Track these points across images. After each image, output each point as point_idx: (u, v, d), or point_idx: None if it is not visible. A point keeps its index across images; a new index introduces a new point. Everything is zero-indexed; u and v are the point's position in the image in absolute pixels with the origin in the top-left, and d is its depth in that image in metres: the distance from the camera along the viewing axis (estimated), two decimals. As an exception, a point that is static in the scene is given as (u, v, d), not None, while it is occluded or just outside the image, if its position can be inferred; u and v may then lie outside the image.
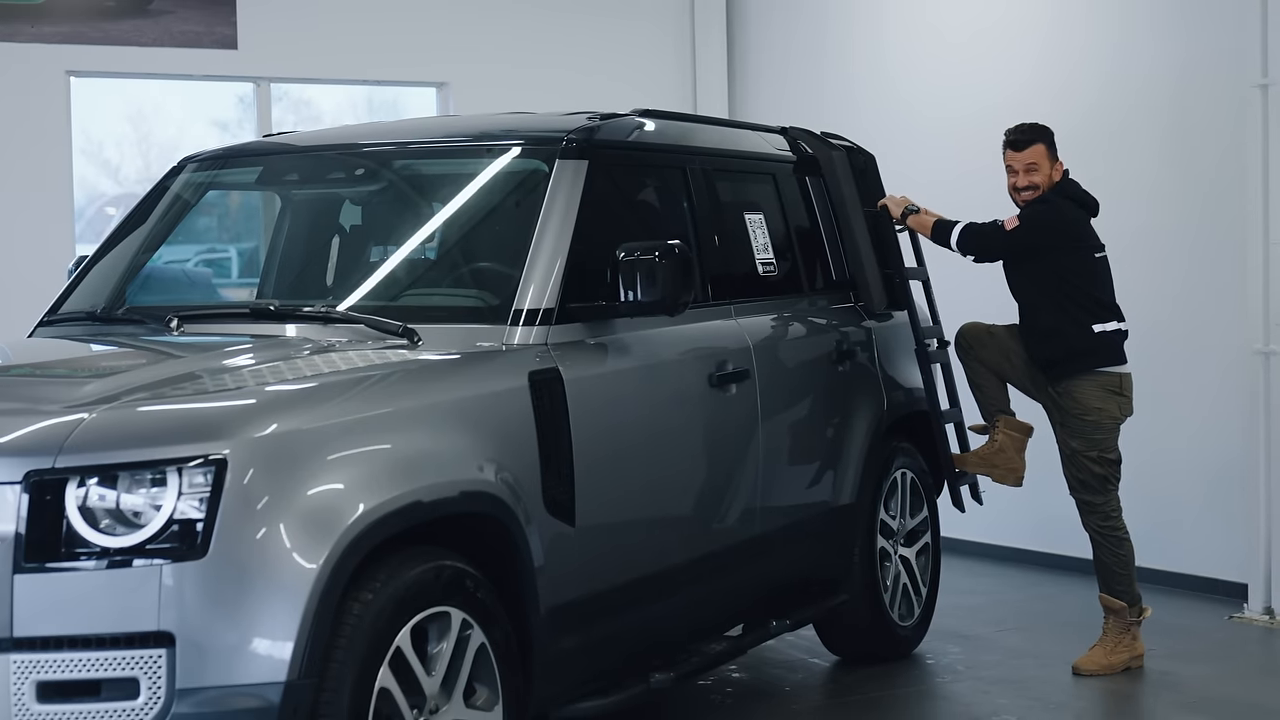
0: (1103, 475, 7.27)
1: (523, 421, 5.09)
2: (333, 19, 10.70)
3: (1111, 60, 9.12)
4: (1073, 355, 7.21)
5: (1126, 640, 7.31)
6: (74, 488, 4.16)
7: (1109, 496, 7.30)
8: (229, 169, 6.65)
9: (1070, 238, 7.22)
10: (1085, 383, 7.21)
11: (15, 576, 4.13)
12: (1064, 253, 7.19)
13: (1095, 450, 7.23)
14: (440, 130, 6.64)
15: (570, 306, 5.41)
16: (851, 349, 7.13)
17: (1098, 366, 7.21)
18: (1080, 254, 7.23)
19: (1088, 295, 7.20)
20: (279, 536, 4.23)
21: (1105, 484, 7.29)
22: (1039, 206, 7.25)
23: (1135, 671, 7.26)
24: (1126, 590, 7.32)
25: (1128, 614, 7.31)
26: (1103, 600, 7.37)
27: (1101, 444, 7.25)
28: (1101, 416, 7.22)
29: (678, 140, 6.47)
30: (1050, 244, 7.18)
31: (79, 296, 6.15)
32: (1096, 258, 7.28)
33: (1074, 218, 7.27)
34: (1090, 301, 7.20)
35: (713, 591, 6.16)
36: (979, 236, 7.24)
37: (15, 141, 9.84)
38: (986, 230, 7.25)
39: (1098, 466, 7.24)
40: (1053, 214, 7.23)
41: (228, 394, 4.57)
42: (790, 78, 11.46)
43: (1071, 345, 7.20)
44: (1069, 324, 7.18)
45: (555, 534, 5.14)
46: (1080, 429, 7.23)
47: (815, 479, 6.86)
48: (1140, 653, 7.34)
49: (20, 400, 4.71)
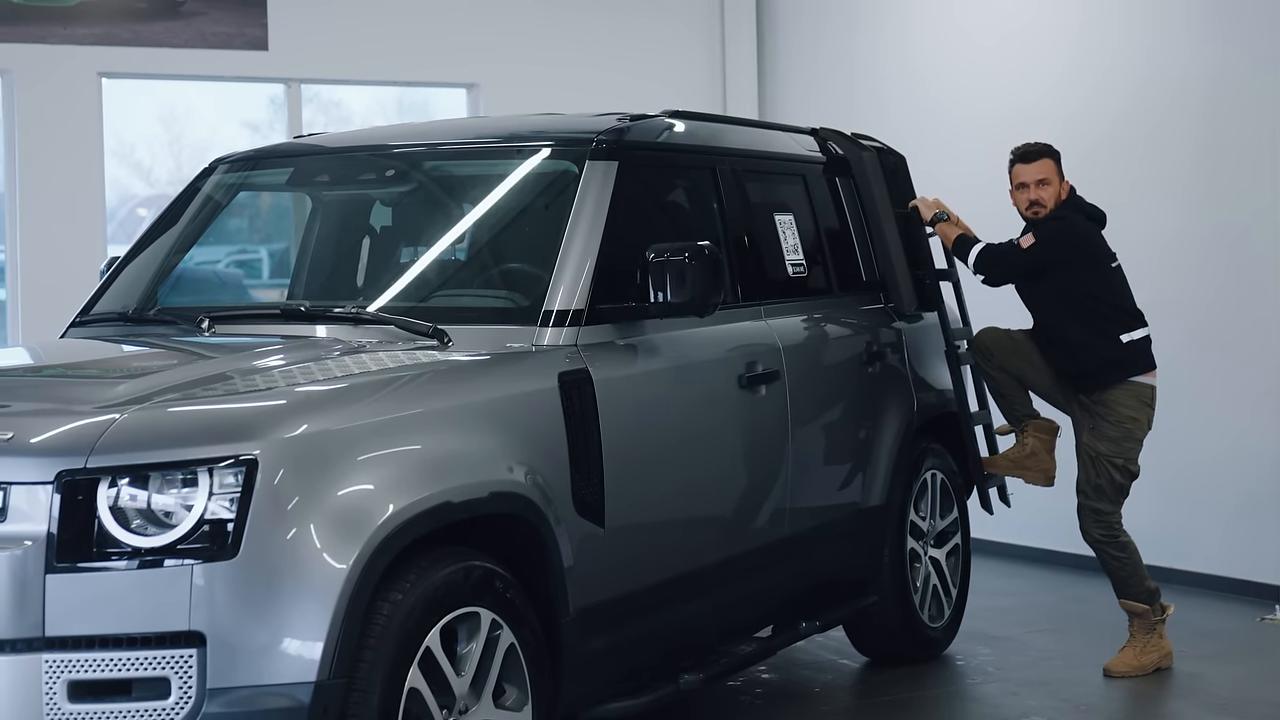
0: (1121, 485, 7.25)
1: (552, 422, 5.09)
2: (363, 20, 10.72)
3: (1145, 63, 9.09)
4: (1105, 366, 7.19)
5: (1154, 640, 7.30)
6: (105, 488, 4.18)
7: (1117, 508, 7.29)
8: (260, 170, 6.66)
9: (1087, 251, 7.20)
10: (1120, 392, 7.19)
11: (47, 576, 4.14)
12: (1082, 267, 7.17)
13: (1122, 459, 7.21)
14: (470, 131, 6.65)
15: (600, 307, 5.41)
16: (882, 350, 7.12)
17: (1131, 375, 7.20)
18: (1099, 266, 7.21)
19: (1111, 305, 7.19)
20: (309, 537, 4.24)
21: (1119, 494, 7.27)
22: (1054, 223, 7.23)
23: (1165, 673, 7.24)
24: (1141, 591, 7.30)
25: (1150, 615, 7.29)
26: (1123, 606, 7.35)
27: (1129, 453, 7.23)
28: (1134, 427, 7.21)
29: (707, 141, 6.47)
30: (1068, 258, 7.16)
31: (111, 297, 6.18)
32: (1113, 268, 7.26)
33: (1088, 231, 7.26)
34: (1115, 311, 7.19)
35: (742, 592, 6.16)
36: (996, 258, 7.22)
37: (48, 143, 9.88)
38: (1004, 250, 7.23)
39: (1119, 475, 7.23)
40: (1069, 229, 7.21)
41: (258, 394, 4.58)
42: (820, 78, 11.44)
43: (1104, 357, 7.18)
44: (1098, 336, 7.16)
45: (585, 535, 5.14)
46: (1113, 435, 7.21)
47: (845, 480, 6.85)
48: (1168, 650, 7.32)
49: (52, 400, 4.73)
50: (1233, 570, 8.67)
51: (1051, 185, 7.28)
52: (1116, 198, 7.39)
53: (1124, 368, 7.19)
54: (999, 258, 7.22)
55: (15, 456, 4.25)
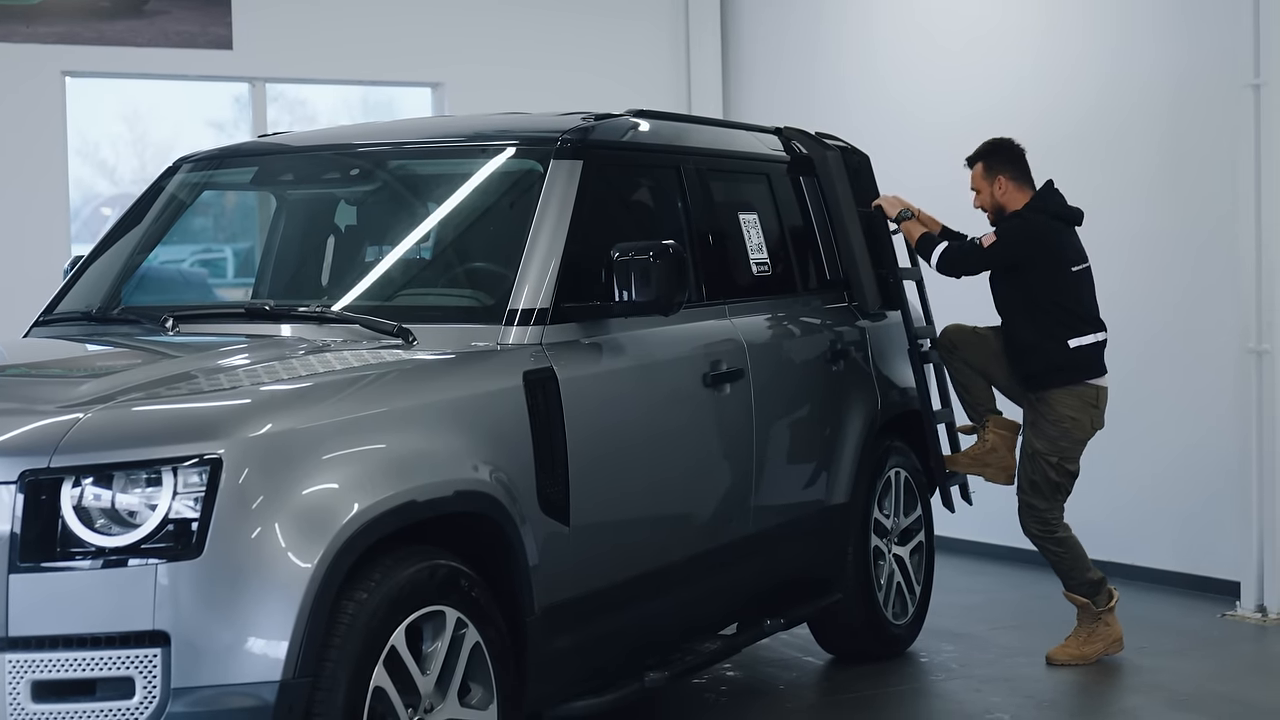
0: (1056, 483, 7.30)
1: (517, 421, 5.08)
2: (328, 19, 10.70)
3: (1109, 66, 9.11)
4: (1049, 370, 7.24)
5: (1099, 629, 7.36)
6: (69, 487, 4.16)
7: (1053, 505, 7.34)
8: (224, 169, 6.64)
9: (1046, 251, 7.22)
10: (1062, 393, 7.25)
11: (10, 576, 4.13)
12: (1040, 267, 7.19)
13: (1057, 456, 7.25)
14: (435, 130, 6.64)
15: (565, 306, 5.41)
16: (845, 349, 7.13)
17: (1073, 381, 7.24)
18: (1058, 268, 7.23)
19: (1065, 310, 7.22)
20: (274, 536, 4.23)
21: (1056, 492, 7.32)
22: (1015, 222, 7.26)
23: (1127, 669, 7.26)
24: (1083, 583, 7.37)
25: (1091, 607, 7.35)
26: (1067, 598, 7.41)
27: (1065, 452, 7.28)
28: (1073, 427, 7.26)
29: (672, 140, 6.47)
30: (1027, 257, 7.19)
31: (75, 296, 6.15)
32: (1074, 271, 7.28)
33: (1048, 230, 7.26)
34: (1068, 316, 7.22)
35: (707, 590, 6.16)
36: (958, 258, 7.26)
37: (11, 142, 9.84)
38: (966, 249, 7.28)
39: (1054, 473, 7.27)
40: (1028, 228, 7.24)
41: (223, 394, 4.56)
42: (783, 78, 11.46)
43: (1049, 360, 7.23)
44: (1045, 339, 7.20)
45: (550, 533, 5.14)
46: (1050, 434, 7.26)
47: (809, 478, 6.86)
48: (1116, 637, 7.38)
49: (15, 400, 4.70)
50: (1193, 567, 8.71)
51: (981, 193, 7.38)
52: (1080, 200, 7.40)
53: (1066, 373, 7.24)
54: (961, 258, 7.25)
55: (-22, 456, 4.22)
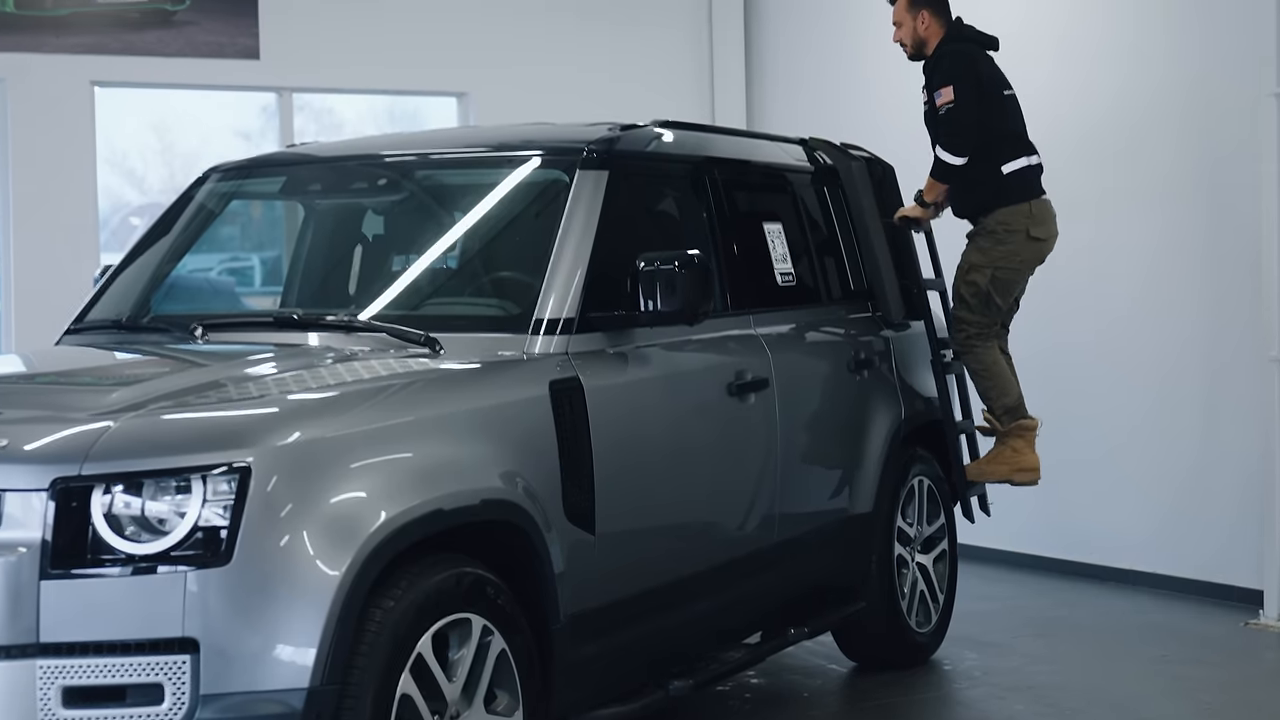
0: (986, 294, 7.35)
1: (543, 430, 5.09)
2: (354, 29, 10.72)
3: (1127, 68, 9.11)
4: (988, 197, 7.37)
5: (1006, 453, 7.45)
6: (100, 495, 4.17)
7: (977, 318, 7.39)
8: (253, 179, 6.66)
9: (980, 77, 7.34)
10: (999, 211, 7.38)
11: (42, 583, 4.14)
12: (979, 95, 7.31)
13: (990, 267, 7.34)
14: (462, 141, 6.66)
15: (590, 316, 5.41)
16: (870, 358, 7.13)
17: (1008, 203, 7.35)
18: (992, 92, 7.35)
19: (997, 134, 7.32)
20: (302, 544, 4.24)
21: (986, 306, 7.38)
22: (944, 60, 7.38)
23: (1151, 677, 7.24)
24: (995, 407, 7.46)
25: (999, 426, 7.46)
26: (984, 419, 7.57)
27: (998, 261, 7.35)
28: (1006, 235, 7.35)
29: (696, 150, 6.47)
30: (975, 82, 7.30)
31: (105, 305, 6.17)
32: (1005, 95, 7.41)
33: (965, 53, 7.40)
34: (1000, 141, 7.33)
35: (732, 599, 6.16)
36: (953, 134, 7.29)
37: (41, 151, 9.88)
38: (950, 123, 7.30)
39: (985, 282, 7.33)
40: (961, 57, 7.38)
41: (252, 402, 4.58)
42: (807, 88, 11.46)
43: (987, 188, 7.35)
44: (980, 167, 7.31)
45: (575, 541, 5.14)
46: (981, 244, 7.39)
47: (833, 487, 6.86)
48: (1025, 467, 7.47)
49: (46, 408, 4.73)
50: (1216, 576, 8.68)
51: (904, 26, 7.55)
52: (1097, 206, 7.40)
53: (1001, 196, 7.36)
54: (955, 129, 7.29)
55: (10, 464, 4.24)
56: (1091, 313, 9.28)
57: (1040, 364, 8.85)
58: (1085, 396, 9.25)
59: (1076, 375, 9.30)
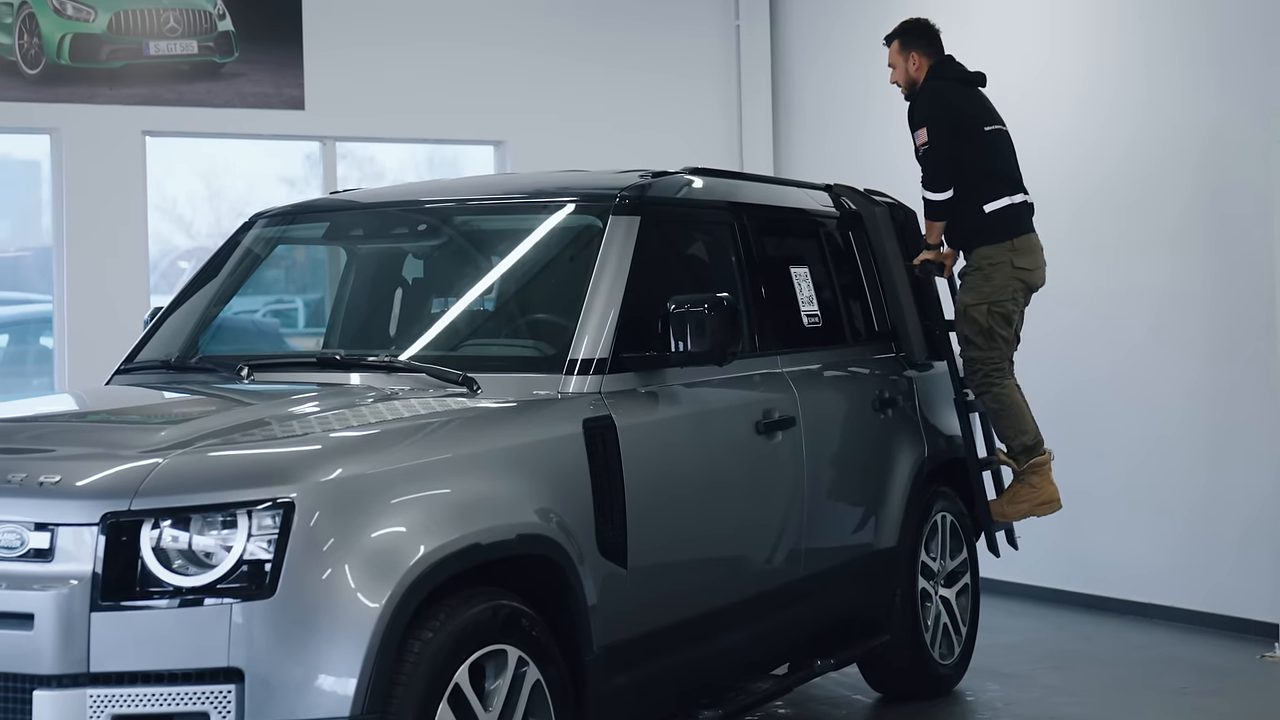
0: (988, 328, 7.30)
1: (577, 467, 5.09)
2: (395, 81, 10.78)
3: (1141, 119, 9.09)
4: (970, 234, 7.34)
5: (1024, 490, 7.37)
6: (149, 529, 4.18)
7: (988, 352, 7.32)
8: (298, 224, 6.69)
9: (955, 112, 7.33)
10: (982, 249, 7.34)
11: (92, 614, 4.15)
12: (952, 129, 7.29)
13: (985, 303, 7.29)
14: (499, 187, 6.67)
15: (623, 356, 5.41)
16: (894, 397, 7.11)
17: (990, 242, 7.31)
18: (971, 129, 7.34)
19: (979, 171, 7.30)
20: (344, 577, 4.24)
21: (991, 339, 7.31)
22: (923, 97, 7.40)
23: (1169, 710, 7.19)
24: (1013, 445, 7.38)
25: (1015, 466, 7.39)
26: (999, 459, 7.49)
27: (991, 295, 7.30)
28: (992, 271, 7.30)
29: (726, 196, 6.48)
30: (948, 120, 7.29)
31: (154, 346, 6.19)
32: (987, 131, 7.39)
33: (952, 92, 7.41)
34: (982, 178, 7.29)
35: (760, 631, 6.14)
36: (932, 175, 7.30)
37: (94, 198, 9.94)
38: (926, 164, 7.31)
39: (984, 318, 7.28)
40: (933, 96, 7.38)
41: (295, 440, 4.59)
42: (831, 135, 11.47)
43: (967, 225, 7.31)
44: (962, 204, 7.29)
45: (608, 575, 5.13)
46: (972, 282, 7.33)
47: (859, 523, 6.84)
48: (1045, 499, 7.39)
49: (98, 445, 4.74)
50: (1231, 609, 8.62)
51: (897, 67, 7.59)
52: (1114, 250, 7.38)
53: (984, 235, 7.32)
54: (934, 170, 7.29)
55: (62, 499, 4.26)
56: (1108, 351, 9.25)
57: (1059, 402, 8.83)
58: (1101, 433, 9.21)
59: (1093, 413, 9.27)
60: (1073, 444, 8.47)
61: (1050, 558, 9.32)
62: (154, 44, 10.06)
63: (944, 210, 7.32)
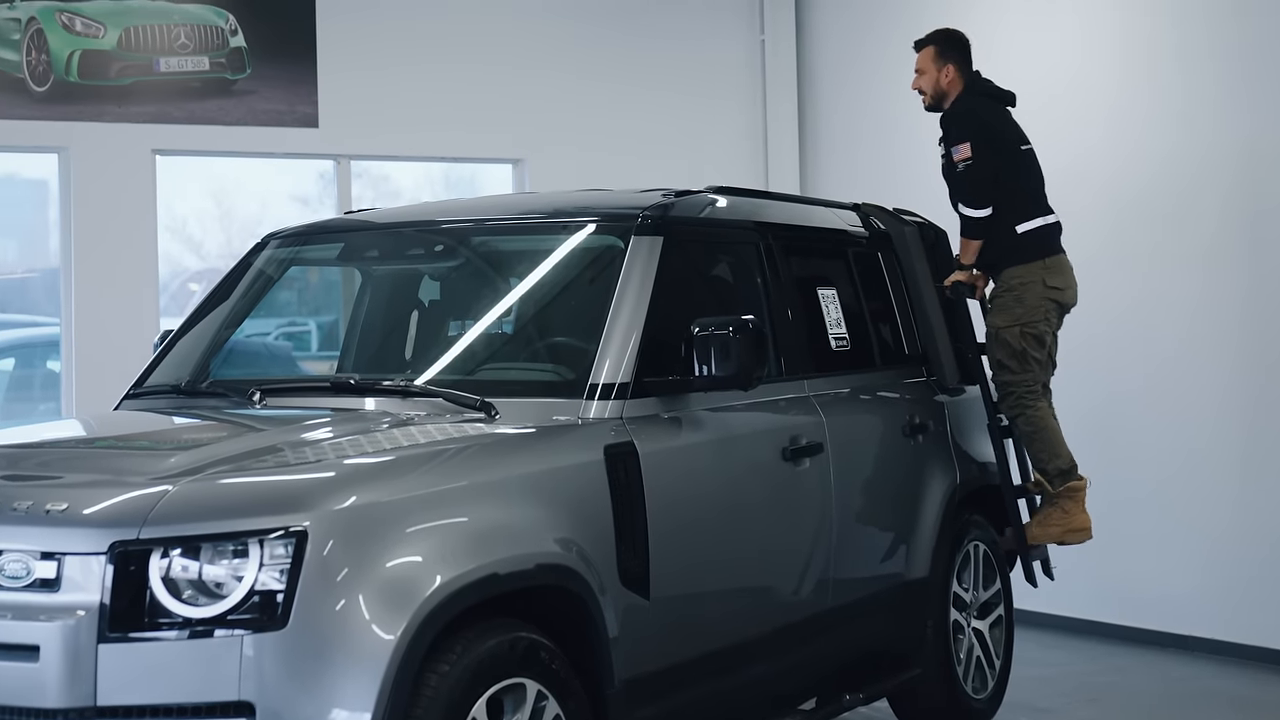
0: (1020, 350, 7.27)
1: (598, 495, 5.08)
2: (411, 98, 10.80)
3: (1176, 133, 9.09)
4: (1000, 256, 7.32)
5: (1055, 514, 7.35)
6: (157, 559, 4.18)
7: (1022, 375, 7.29)
8: (311, 245, 6.70)
9: (994, 133, 7.31)
10: (1012, 269, 7.33)
11: (100, 646, 4.15)
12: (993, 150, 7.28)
13: (1017, 325, 7.26)
14: (517, 207, 6.68)
15: (645, 381, 5.40)
16: (924, 423, 7.09)
17: (1022, 262, 7.30)
18: (1008, 148, 7.33)
19: (1012, 192, 7.29)
20: (358, 608, 4.24)
21: (1023, 362, 7.28)
22: (960, 115, 7.36)
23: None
24: (1048, 468, 7.34)
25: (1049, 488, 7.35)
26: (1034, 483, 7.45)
27: (1023, 317, 7.28)
28: (1024, 291, 7.28)
29: (750, 216, 6.47)
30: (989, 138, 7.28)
31: (164, 370, 6.19)
32: (1022, 150, 7.39)
33: (989, 109, 7.39)
34: (1015, 199, 7.29)
35: (786, 664, 6.11)
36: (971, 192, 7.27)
37: (103, 218, 9.97)
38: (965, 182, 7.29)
39: (1017, 341, 7.26)
40: (976, 113, 7.36)
41: (308, 467, 4.59)
42: (862, 153, 11.46)
43: (999, 245, 7.30)
44: (996, 225, 7.28)
45: (630, 606, 5.12)
46: (1003, 304, 7.31)
47: (888, 552, 6.81)
48: (1076, 527, 7.35)
49: (106, 472, 4.75)
50: (1260, 639, 8.61)
51: (926, 74, 7.53)
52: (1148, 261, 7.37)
53: (1014, 255, 7.31)
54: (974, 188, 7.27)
55: (69, 527, 4.26)
56: (1140, 364, 9.26)
57: (1093, 422, 8.81)
58: (1138, 462, 9.18)
59: (1129, 440, 9.25)
60: (1109, 473, 8.44)
61: (1087, 588, 9.28)
62: (164, 60, 10.10)
63: (982, 229, 7.30)
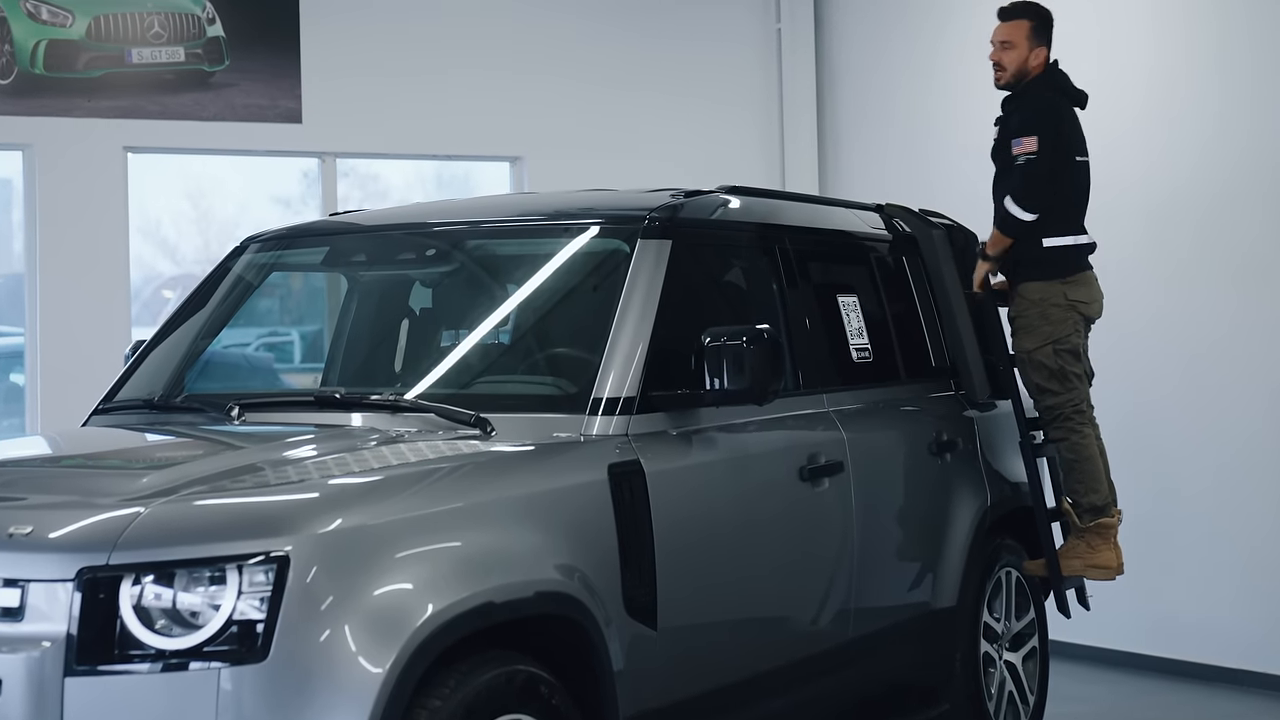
0: (1059, 368, 7.23)
1: (602, 517, 5.08)
2: (402, 91, 10.81)
3: (1211, 130, 9.12)
4: (1022, 264, 7.27)
5: (1079, 548, 7.29)
6: (128, 586, 4.18)
7: (1071, 394, 7.25)
8: (294, 249, 6.71)
9: (1057, 134, 7.22)
10: (1031, 285, 7.27)
11: (66, 679, 4.14)
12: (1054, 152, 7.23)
13: (1050, 343, 7.22)
14: (515, 208, 6.68)
15: (652, 395, 5.40)
16: (952, 440, 7.09)
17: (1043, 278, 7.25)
18: (1064, 154, 7.25)
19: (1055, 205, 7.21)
20: (343, 639, 4.23)
21: (1065, 379, 7.24)
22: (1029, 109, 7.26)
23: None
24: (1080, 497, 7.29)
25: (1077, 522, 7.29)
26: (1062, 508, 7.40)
27: (1052, 334, 7.23)
28: (1047, 307, 7.23)
29: (766, 218, 6.48)
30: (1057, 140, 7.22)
31: (136, 383, 6.20)
32: (1078, 161, 7.32)
33: (1057, 106, 7.30)
34: (1054, 211, 7.21)
35: (804, 699, 6.11)
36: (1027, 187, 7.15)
37: (71, 220, 9.97)
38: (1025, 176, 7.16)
39: (1051, 359, 7.22)
40: (1052, 113, 7.26)
41: (290, 487, 4.59)
42: (886, 151, 11.46)
43: (1022, 253, 7.25)
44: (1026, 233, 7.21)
45: (636, 637, 5.12)
46: (1029, 324, 7.25)
47: (913, 579, 6.81)
48: (1101, 564, 7.29)
49: (73, 493, 4.75)
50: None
51: (1016, 49, 7.38)
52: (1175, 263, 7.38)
53: (1033, 270, 7.25)
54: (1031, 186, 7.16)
55: (34, 552, 4.26)
56: (1173, 380, 9.29)
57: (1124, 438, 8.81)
58: (1178, 482, 9.19)
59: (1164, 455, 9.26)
60: (1149, 499, 8.45)
61: (1128, 619, 9.28)
62: (136, 51, 10.12)
63: (1019, 230, 7.23)
